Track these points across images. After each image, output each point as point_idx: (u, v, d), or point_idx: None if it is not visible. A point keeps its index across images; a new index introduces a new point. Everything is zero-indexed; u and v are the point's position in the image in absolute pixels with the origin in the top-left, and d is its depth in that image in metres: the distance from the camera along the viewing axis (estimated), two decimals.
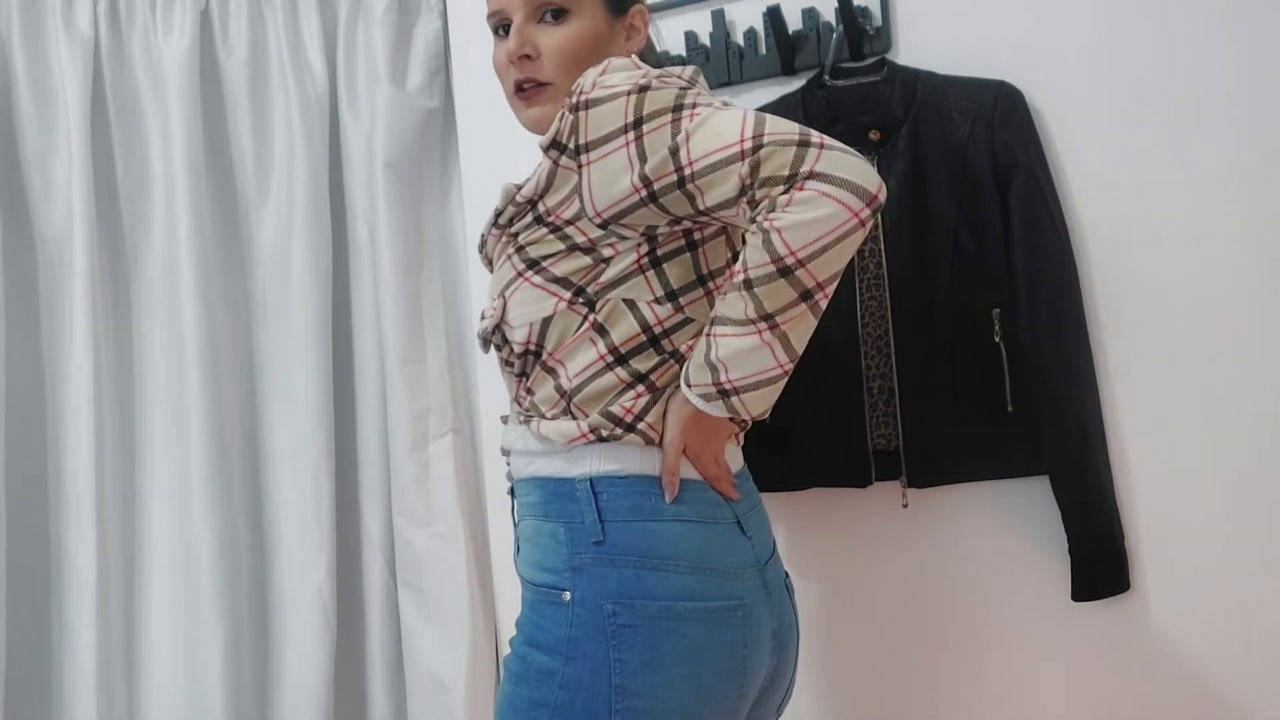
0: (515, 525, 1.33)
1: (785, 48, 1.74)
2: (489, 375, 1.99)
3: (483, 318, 1.30)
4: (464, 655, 1.91)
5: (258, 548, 1.98)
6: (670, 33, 1.83)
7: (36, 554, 1.92)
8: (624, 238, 1.21)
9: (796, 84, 1.72)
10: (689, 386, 1.18)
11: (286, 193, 1.99)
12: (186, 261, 1.92)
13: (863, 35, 1.70)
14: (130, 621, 1.93)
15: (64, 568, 1.89)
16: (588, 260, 1.22)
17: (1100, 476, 1.57)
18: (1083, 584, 1.57)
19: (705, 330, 1.18)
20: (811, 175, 1.08)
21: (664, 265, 1.22)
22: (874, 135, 1.63)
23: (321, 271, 1.98)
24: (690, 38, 1.82)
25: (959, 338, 1.60)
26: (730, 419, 1.22)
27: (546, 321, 1.23)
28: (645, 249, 1.22)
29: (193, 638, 1.89)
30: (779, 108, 1.71)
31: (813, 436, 1.66)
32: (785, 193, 1.08)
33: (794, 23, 1.74)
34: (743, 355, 1.14)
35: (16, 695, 1.88)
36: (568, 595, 1.17)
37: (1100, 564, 1.56)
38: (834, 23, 1.71)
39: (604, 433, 1.21)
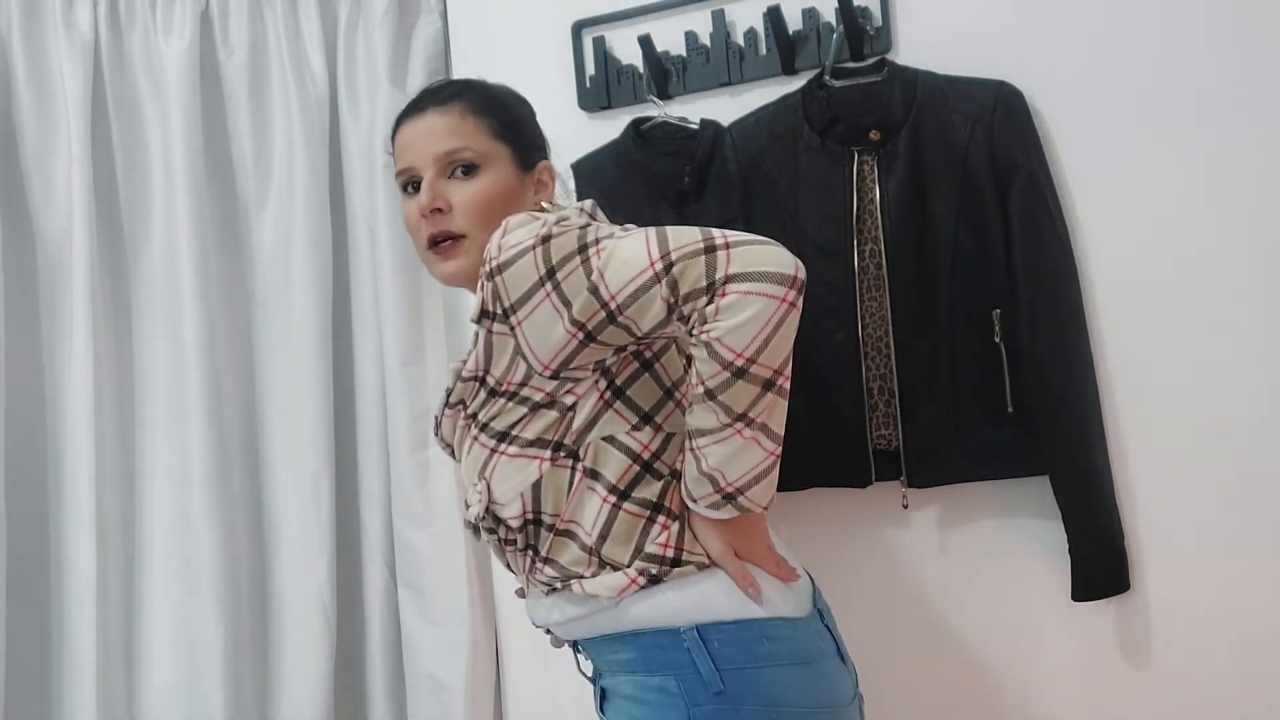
0: (594, 678, 1.33)
1: (785, 48, 1.74)
2: None
3: (467, 506, 1.28)
4: (464, 655, 1.91)
5: (258, 548, 1.98)
6: (670, 33, 1.83)
7: (36, 554, 1.92)
8: (579, 380, 1.21)
9: (796, 84, 1.72)
10: (694, 501, 1.19)
11: (286, 193, 1.99)
12: (186, 261, 1.92)
13: (863, 35, 1.70)
14: (130, 621, 1.93)
15: (64, 568, 1.89)
16: (554, 414, 1.21)
17: (1100, 476, 1.57)
18: (1083, 584, 1.57)
19: (686, 445, 1.18)
20: (729, 279, 1.09)
21: (627, 392, 1.23)
22: (874, 136, 1.63)
23: (321, 271, 1.98)
24: (690, 38, 1.82)
25: (959, 338, 1.60)
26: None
27: (536, 486, 1.22)
28: (604, 384, 1.22)
29: (193, 638, 1.89)
30: (779, 108, 1.71)
31: (813, 436, 1.66)
32: (710, 303, 1.10)
33: (794, 23, 1.74)
34: (733, 457, 1.14)
35: (16, 695, 1.87)
36: None
37: (1100, 564, 1.56)
38: (834, 23, 1.71)
39: (653, 573, 1.20)
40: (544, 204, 1.34)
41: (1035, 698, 1.64)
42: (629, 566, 1.20)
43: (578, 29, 1.90)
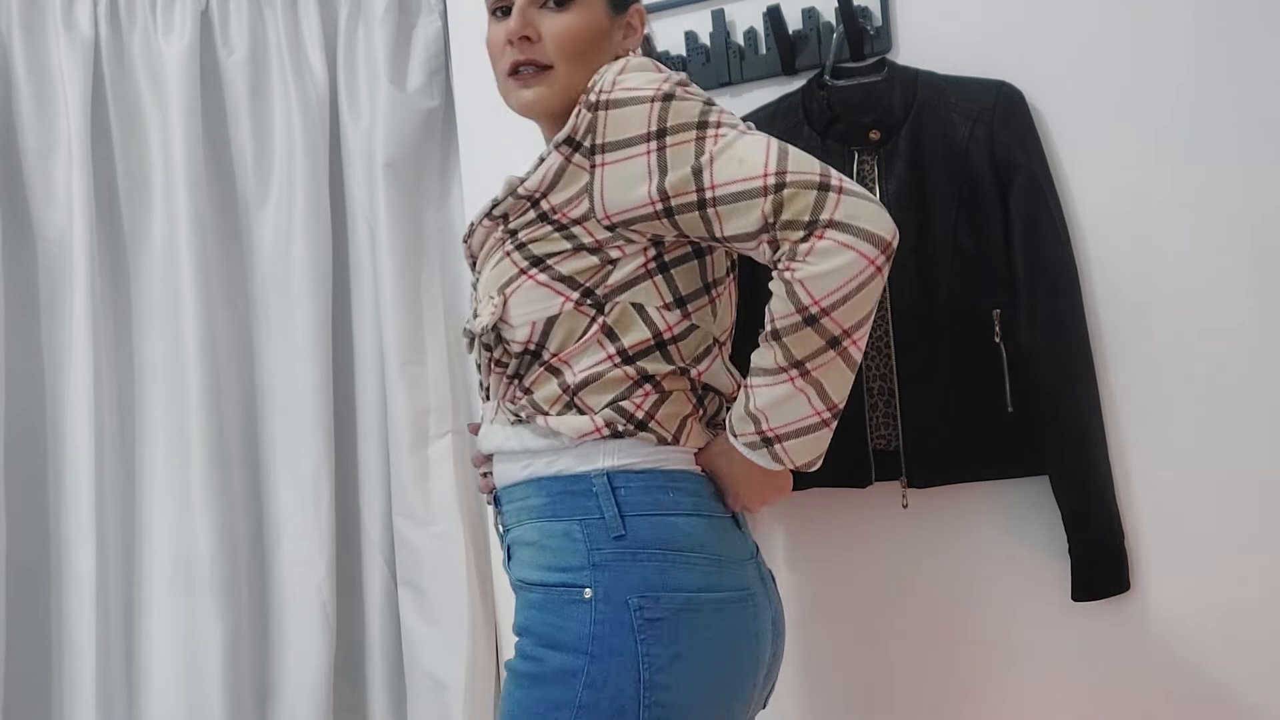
0: (504, 533, 1.31)
1: (785, 48, 1.74)
2: None
3: (475, 315, 1.28)
4: (464, 655, 1.91)
5: (258, 548, 1.98)
6: (670, 33, 1.83)
7: (36, 554, 1.92)
8: (630, 241, 1.21)
9: (797, 84, 1.72)
10: (734, 436, 1.20)
11: (286, 193, 1.99)
12: (186, 261, 1.92)
13: (863, 35, 1.70)
14: (130, 621, 1.93)
15: (64, 568, 1.89)
16: (594, 260, 1.21)
17: (1100, 476, 1.57)
18: (1083, 584, 1.57)
19: (744, 382, 1.19)
20: (831, 224, 1.09)
21: (672, 271, 1.23)
22: (874, 135, 1.63)
23: (321, 271, 1.98)
24: (690, 38, 1.82)
25: (959, 338, 1.60)
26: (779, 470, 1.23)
27: (551, 321, 1.22)
28: (653, 253, 1.22)
29: (193, 638, 1.89)
30: (779, 107, 1.71)
31: None
32: (805, 239, 1.10)
33: (794, 23, 1.74)
34: (779, 403, 1.15)
35: (16, 695, 1.88)
36: (589, 592, 1.16)
37: (1100, 564, 1.56)
38: (834, 23, 1.71)
39: (619, 428, 1.20)
40: (631, 51, 1.32)
41: (1035, 698, 1.64)
42: (597, 414, 1.21)
43: None
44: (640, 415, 1.21)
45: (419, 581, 1.96)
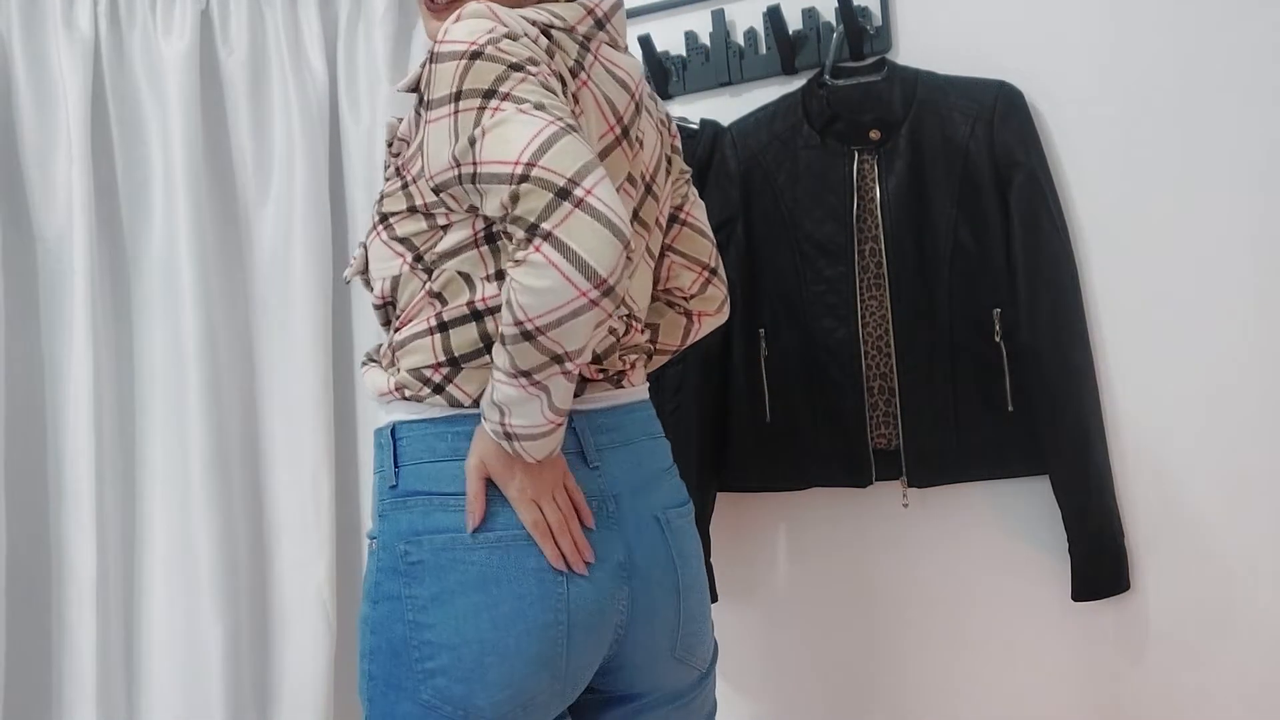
0: None
1: (785, 48, 1.74)
2: None
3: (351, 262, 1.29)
4: None
5: (257, 548, 1.98)
6: (670, 33, 1.83)
7: (36, 554, 1.91)
8: (452, 209, 1.16)
9: (797, 84, 1.73)
10: (485, 421, 1.14)
11: (286, 193, 1.99)
12: (186, 261, 1.92)
13: (863, 35, 1.70)
14: (130, 621, 1.93)
15: (64, 568, 1.89)
16: (424, 225, 1.18)
17: (1100, 476, 1.57)
18: (1083, 584, 1.57)
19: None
20: (549, 237, 0.99)
21: (497, 244, 1.17)
22: (874, 135, 1.63)
23: (321, 271, 1.98)
24: (690, 38, 1.82)
25: (959, 338, 1.60)
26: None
27: (395, 280, 1.22)
28: (480, 225, 1.16)
29: (193, 638, 1.89)
30: (779, 107, 1.71)
31: (813, 436, 1.66)
32: (524, 245, 1.01)
33: (794, 23, 1.75)
34: (516, 403, 1.09)
35: (16, 695, 1.87)
36: (373, 543, 1.19)
37: (1100, 564, 1.56)
38: (834, 22, 1.71)
39: (407, 393, 1.19)
40: None
41: (1035, 697, 1.64)
42: (397, 375, 1.19)
43: None
44: (437, 379, 1.18)
45: None
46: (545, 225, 0.99)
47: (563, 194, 1.00)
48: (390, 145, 1.23)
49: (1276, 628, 1.53)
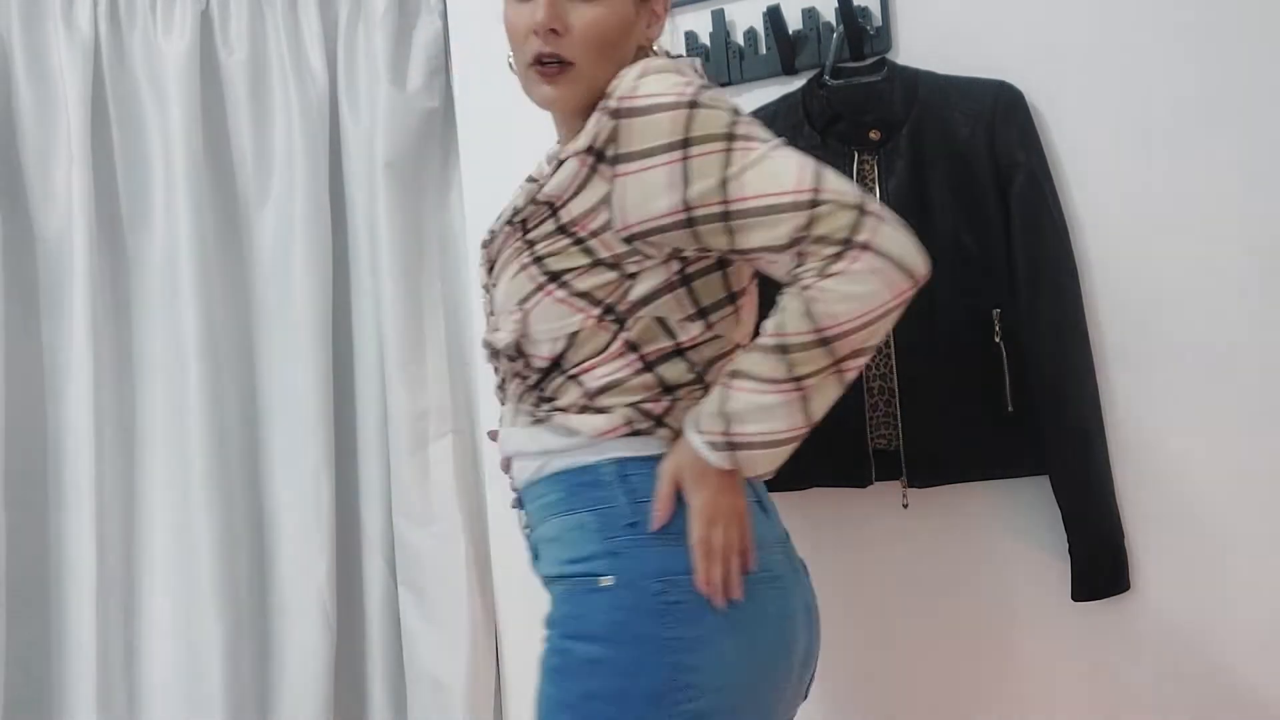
0: (529, 533, 1.30)
1: (785, 48, 1.74)
2: (489, 376, 1.98)
3: (495, 329, 1.25)
4: (464, 655, 1.91)
5: (258, 548, 1.98)
6: (670, 32, 1.83)
7: (36, 554, 1.92)
8: (648, 256, 1.18)
9: (797, 84, 1.72)
10: (697, 433, 1.16)
11: (286, 193, 1.99)
12: (186, 261, 1.92)
13: (863, 35, 1.70)
14: (130, 621, 1.93)
15: (64, 568, 1.89)
16: (613, 276, 1.18)
17: (1100, 476, 1.57)
18: (1083, 584, 1.57)
19: (722, 381, 1.15)
20: (866, 247, 1.07)
21: (694, 284, 1.20)
22: (874, 135, 1.63)
23: (321, 271, 1.98)
24: (690, 38, 1.82)
25: (959, 338, 1.60)
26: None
27: (573, 337, 1.19)
28: (676, 267, 1.19)
29: (193, 638, 1.89)
30: (779, 107, 1.71)
31: (813, 436, 1.66)
32: (837, 258, 1.07)
33: (794, 23, 1.74)
34: (763, 411, 1.12)
35: (16, 695, 1.87)
36: (608, 580, 1.15)
37: (1100, 564, 1.56)
38: (834, 23, 1.71)
39: (638, 426, 1.19)
40: (654, 46, 1.28)
41: (1035, 698, 1.64)
42: (613, 413, 1.19)
43: None
44: (658, 412, 1.20)
45: (419, 581, 1.96)
46: (860, 238, 1.07)
47: (861, 210, 1.08)
48: (521, 207, 1.21)
49: (1277, 628, 1.53)
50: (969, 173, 1.59)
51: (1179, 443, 1.57)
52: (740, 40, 1.79)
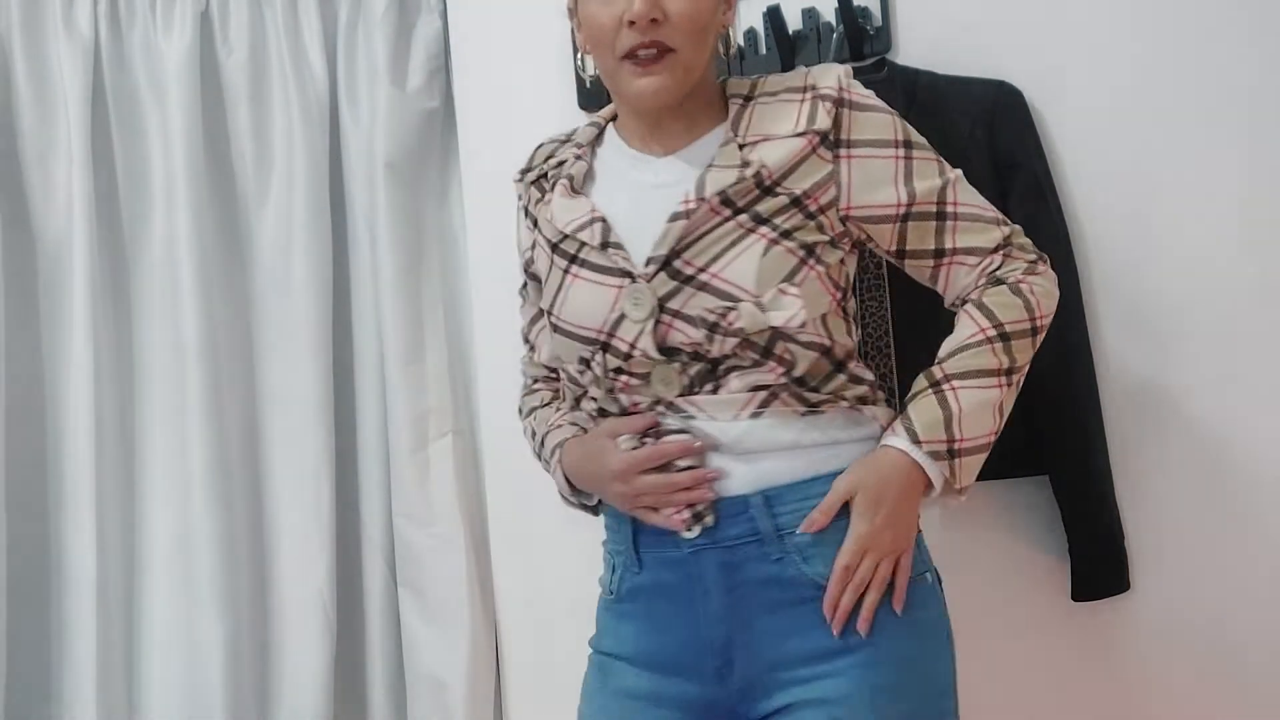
0: (775, 536, 1.16)
1: (785, 48, 1.74)
2: (489, 376, 1.99)
3: (763, 309, 1.13)
4: (464, 655, 1.91)
5: (258, 548, 1.98)
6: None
7: (36, 554, 1.92)
8: (851, 240, 1.23)
9: None
10: (918, 444, 1.14)
11: (286, 193, 1.99)
12: (186, 261, 1.92)
13: (863, 35, 1.69)
14: (130, 621, 1.93)
15: (64, 568, 1.89)
16: (839, 254, 1.20)
17: (1100, 476, 1.56)
18: (1083, 584, 1.57)
19: (932, 385, 1.17)
20: (1048, 262, 1.24)
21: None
22: None
23: (321, 271, 1.98)
24: None
25: None
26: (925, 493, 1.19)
27: (824, 319, 1.18)
28: (855, 254, 1.26)
29: (193, 638, 1.89)
30: None
31: None
32: (1036, 264, 1.22)
33: (794, 23, 1.74)
34: (980, 409, 1.15)
35: (16, 695, 1.87)
36: (926, 578, 1.21)
37: (1100, 564, 1.56)
38: (834, 23, 1.71)
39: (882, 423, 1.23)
40: (729, 29, 1.27)
41: (1035, 698, 1.64)
42: (880, 403, 1.24)
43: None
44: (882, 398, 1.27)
45: (419, 582, 1.96)
46: (1043, 256, 1.24)
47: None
48: (738, 183, 1.17)
49: (1277, 628, 1.53)
50: (969, 173, 1.59)
51: (1179, 442, 1.57)
52: (740, 40, 1.79)
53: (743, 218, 1.16)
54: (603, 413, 1.23)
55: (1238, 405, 1.54)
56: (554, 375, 1.38)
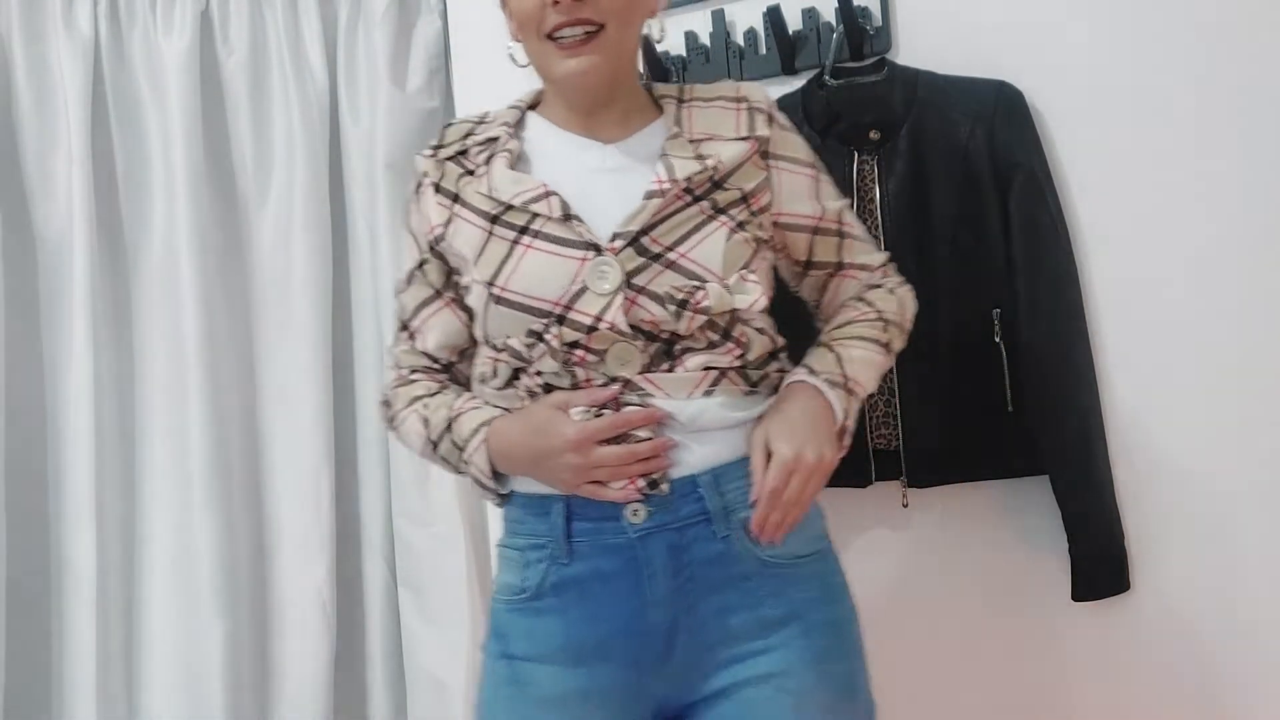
0: (718, 514, 1.16)
1: (785, 48, 1.74)
2: None
3: (699, 289, 1.15)
4: (464, 655, 1.91)
5: (258, 548, 1.98)
6: (670, 33, 1.83)
7: (36, 554, 1.92)
8: (773, 243, 1.29)
9: (796, 84, 1.72)
10: (814, 373, 1.20)
11: (286, 193, 1.99)
12: (186, 261, 1.92)
13: (863, 35, 1.69)
14: (130, 621, 1.93)
15: (64, 568, 1.89)
16: (774, 257, 1.30)
17: (1100, 476, 1.56)
18: (1083, 584, 1.57)
19: (825, 346, 1.25)
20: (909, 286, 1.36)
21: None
22: (874, 135, 1.63)
23: (321, 271, 1.98)
24: (690, 38, 1.82)
25: (959, 338, 1.60)
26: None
27: (768, 311, 1.24)
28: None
29: (193, 637, 1.89)
30: (779, 107, 1.71)
31: None
32: (904, 283, 1.34)
33: (794, 23, 1.74)
34: (866, 364, 1.24)
35: (16, 695, 1.88)
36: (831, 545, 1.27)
37: (1100, 564, 1.56)
38: (834, 23, 1.71)
39: None
40: (655, 13, 1.27)
41: (1035, 698, 1.64)
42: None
43: None
44: None
45: (419, 581, 1.96)
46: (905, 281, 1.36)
47: None
48: (703, 170, 1.19)
49: (1277, 628, 1.53)
50: (969, 173, 1.59)
51: (1179, 443, 1.57)
52: (740, 40, 1.79)
53: (703, 204, 1.19)
54: (548, 388, 1.18)
55: (1237, 405, 1.54)
56: (436, 366, 1.32)
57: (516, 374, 1.20)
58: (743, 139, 1.23)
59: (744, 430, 1.18)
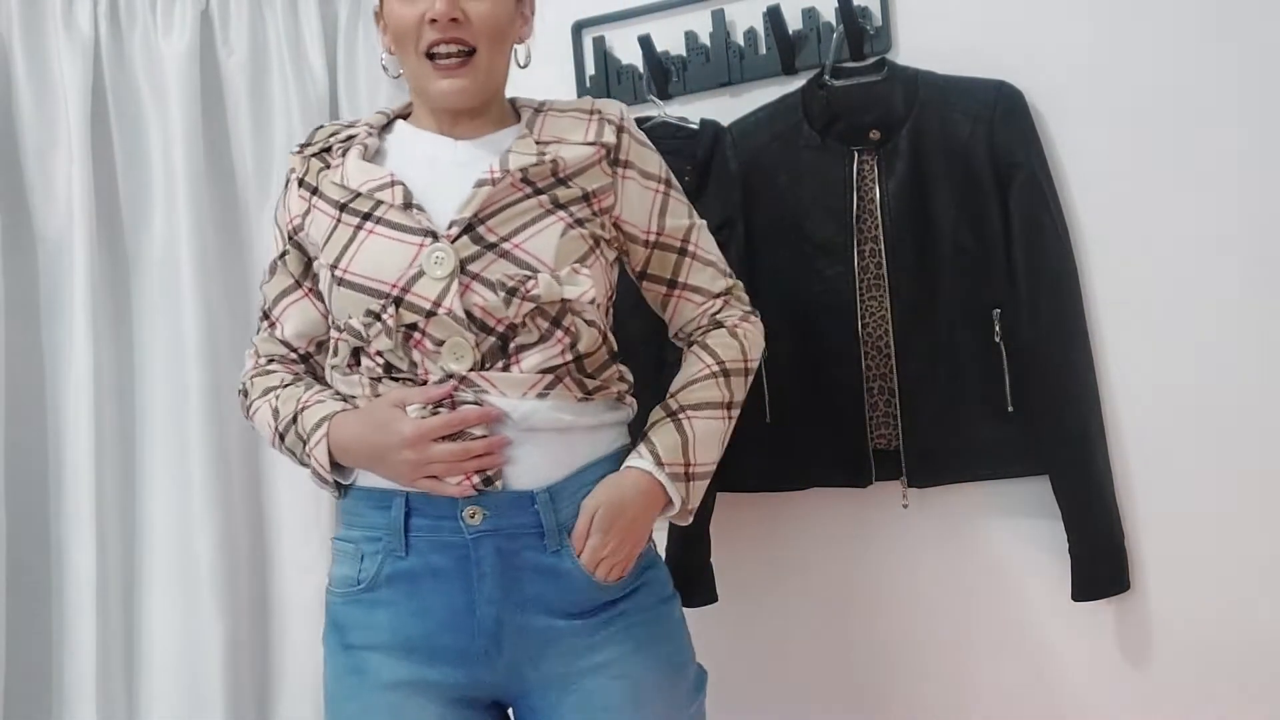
0: (556, 526, 1.20)
1: (785, 48, 1.74)
2: None
3: (530, 278, 1.19)
4: None
5: (258, 548, 1.98)
6: (670, 33, 1.83)
7: (36, 554, 1.91)
8: (615, 244, 1.33)
9: (797, 84, 1.73)
10: (661, 466, 1.22)
11: None
12: (186, 261, 1.92)
13: (863, 35, 1.70)
14: (130, 621, 1.93)
15: (64, 568, 1.89)
16: (614, 255, 1.32)
17: (1100, 476, 1.57)
18: (1083, 584, 1.57)
19: (670, 414, 1.26)
20: (758, 315, 1.37)
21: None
22: (875, 135, 1.63)
23: None
24: (690, 38, 1.82)
25: (959, 338, 1.61)
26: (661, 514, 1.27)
27: (608, 304, 1.31)
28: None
29: (193, 638, 1.89)
30: (779, 107, 1.71)
31: (813, 436, 1.66)
32: (749, 316, 1.35)
33: (794, 23, 1.75)
34: (713, 438, 1.26)
35: (16, 695, 1.87)
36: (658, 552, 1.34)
37: (1100, 564, 1.56)
38: (834, 23, 1.71)
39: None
40: (524, 40, 1.34)
41: (1035, 698, 1.64)
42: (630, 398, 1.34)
43: (578, 29, 1.91)
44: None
45: None
46: (754, 310, 1.38)
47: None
48: (539, 164, 1.25)
49: (1277, 627, 1.53)
50: (969, 173, 1.59)
51: (1179, 443, 1.57)
52: (740, 40, 1.79)
53: (542, 198, 1.24)
54: (388, 369, 1.22)
55: (1237, 404, 1.54)
56: (294, 355, 1.37)
57: (357, 355, 1.25)
58: (589, 144, 1.28)
59: (578, 434, 1.23)
